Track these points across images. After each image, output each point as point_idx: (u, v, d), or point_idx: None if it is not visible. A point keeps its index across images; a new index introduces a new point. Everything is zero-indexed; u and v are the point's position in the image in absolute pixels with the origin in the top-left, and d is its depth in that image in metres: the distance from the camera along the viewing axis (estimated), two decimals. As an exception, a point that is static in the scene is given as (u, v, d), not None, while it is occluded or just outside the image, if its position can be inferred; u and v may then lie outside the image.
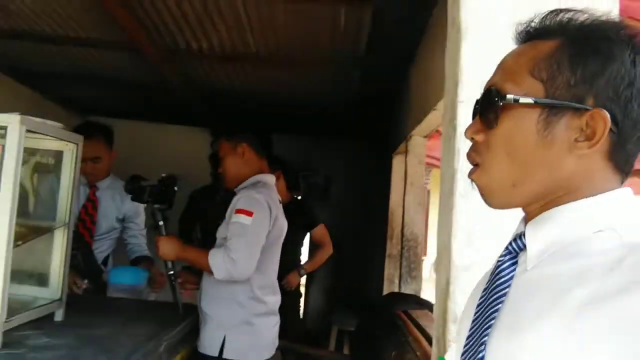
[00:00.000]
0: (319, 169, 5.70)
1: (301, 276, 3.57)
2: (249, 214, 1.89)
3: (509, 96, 0.63)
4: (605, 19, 0.64)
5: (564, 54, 0.63)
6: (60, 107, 4.91)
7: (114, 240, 2.76)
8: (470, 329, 0.68)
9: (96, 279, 2.46)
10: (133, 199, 2.11)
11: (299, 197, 3.88)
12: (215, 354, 1.97)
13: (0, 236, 1.20)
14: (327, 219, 4.18)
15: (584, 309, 0.53)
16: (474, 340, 0.66)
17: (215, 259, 1.91)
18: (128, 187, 2.07)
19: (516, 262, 0.67)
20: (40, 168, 1.51)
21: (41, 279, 1.60)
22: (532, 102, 0.63)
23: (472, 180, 0.68)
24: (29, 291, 1.58)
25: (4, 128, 1.22)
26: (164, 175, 2.05)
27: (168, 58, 3.23)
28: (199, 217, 3.46)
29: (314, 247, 3.75)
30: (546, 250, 0.63)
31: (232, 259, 1.85)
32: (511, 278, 0.66)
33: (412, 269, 3.27)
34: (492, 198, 0.68)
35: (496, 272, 0.68)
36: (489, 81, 0.69)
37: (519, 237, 0.67)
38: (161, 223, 2.04)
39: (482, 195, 0.68)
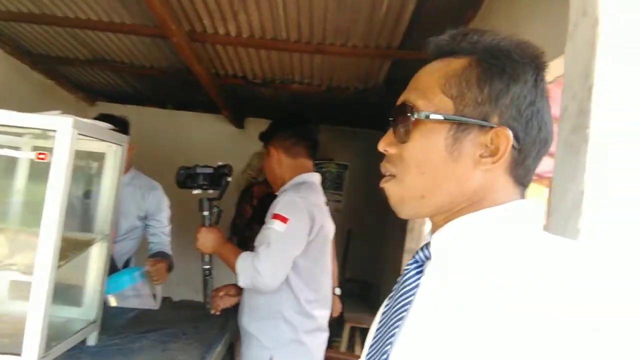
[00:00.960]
0: (333, 158, 5.56)
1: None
2: (284, 220, 1.75)
3: (420, 112, 0.66)
4: (512, 39, 0.67)
5: (472, 72, 0.66)
6: (68, 92, 4.70)
7: (136, 240, 2.59)
8: (374, 337, 0.70)
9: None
10: (183, 185, 1.94)
11: None
12: None
13: (44, 259, 1.04)
14: (341, 209, 4.01)
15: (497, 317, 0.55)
16: (377, 347, 0.68)
17: (243, 265, 1.77)
18: (181, 172, 1.93)
19: (422, 271, 0.69)
20: (80, 172, 1.33)
21: (74, 298, 1.44)
22: (442, 118, 0.65)
23: (383, 189, 0.71)
24: (60, 311, 1.38)
25: (53, 131, 1.04)
26: (220, 163, 1.93)
27: (193, 42, 3.04)
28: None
29: None
30: (449, 259, 0.65)
31: (257, 269, 1.71)
32: (417, 287, 0.67)
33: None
34: (401, 207, 0.70)
35: (402, 281, 0.69)
36: (403, 96, 0.71)
37: (426, 246, 0.70)
38: (206, 213, 1.89)
39: (393, 204, 0.71)
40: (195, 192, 1.94)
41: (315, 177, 2.04)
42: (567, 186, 0.89)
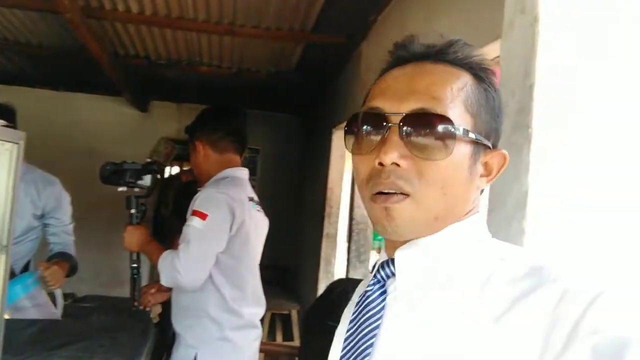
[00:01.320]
0: (245, 141, 5.42)
1: None
2: (203, 216, 1.70)
3: (457, 127, 0.61)
4: (481, 55, 0.67)
5: (479, 90, 0.64)
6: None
7: (35, 242, 2.29)
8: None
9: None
10: (107, 181, 1.87)
11: None
12: None
13: None
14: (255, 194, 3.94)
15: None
16: None
17: (164, 264, 1.71)
18: (107, 168, 1.87)
19: (385, 291, 0.66)
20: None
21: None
22: (474, 137, 0.62)
23: (387, 208, 0.61)
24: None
25: None
26: (148, 160, 1.97)
27: (88, 19, 2.77)
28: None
29: None
30: (417, 275, 0.63)
31: (177, 268, 1.66)
32: (383, 308, 0.64)
33: (362, 253, 3.19)
34: (403, 229, 0.63)
35: (364, 303, 0.66)
36: (415, 101, 0.62)
37: (386, 264, 0.66)
38: (133, 211, 1.85)
39: (393, 226, 0.62)
40: (121, 189, 1.86)
41: (241, 172, 1.96)
42: (509, 186, 0.89)
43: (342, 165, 3.96)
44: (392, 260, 0.66)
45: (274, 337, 4.17)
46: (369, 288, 0.67)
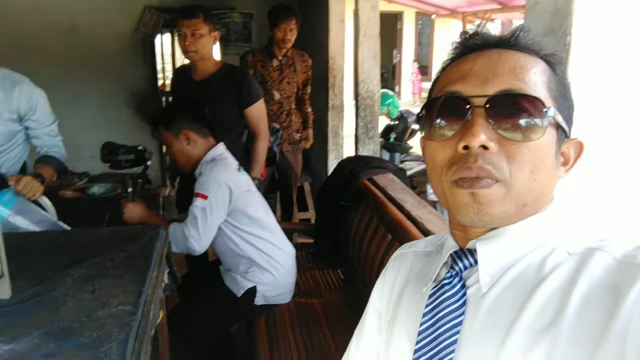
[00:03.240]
0: (235, 6, 4.97)
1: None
2: (205, 197, 2.04)
3: (550, 109, 0.59)
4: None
5: (556, 76, 0.63)
6: None
7: (23, 145, 2.14)
8: (418, 353, 0.65)
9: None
10: (106, 161, 2.21)
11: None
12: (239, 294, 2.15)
13: None
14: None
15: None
16: None
17: (175, 235, 2.06)
18: (105, 158, 2.21)
19: (464, 285, 0.64)
20: None
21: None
22: (563, 121, 0.61)
23: (475, 194, 0.59)
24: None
25: None
26: (140, 148, 2.20)
27: None
28: None
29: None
30: (501, 268, 0.62)
31: (186, 236, 2.04)
32: (464, 303, 0.63)
33: (370, 129, 3.06)
34: (494, 217, 0.60)
35: (442, 297, 0.65)
36: (502, 82, 0.60)
37: (463, 255, 0.65)
38: (130, 190, 2.13)
39: (483, 213, 0.60)
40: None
41: (222, 149, 2.22)
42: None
43: (342, 32, 3.64)
44: (469, 251, 0.65)
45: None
46: (446, 281, 0.65)
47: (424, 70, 14.23)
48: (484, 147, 0.58)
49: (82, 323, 1.17)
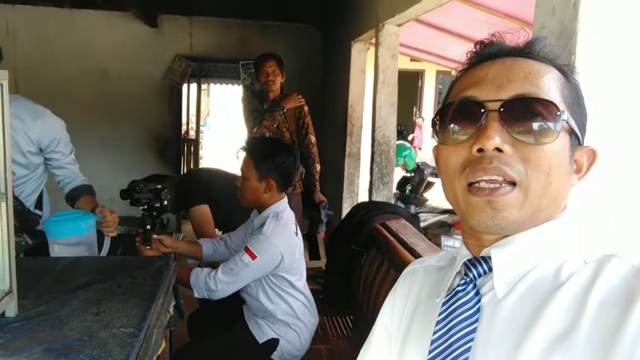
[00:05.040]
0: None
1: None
2: (254, 257, 1.99)
3: (565, 113, 0.60)
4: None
5: (570, 85, 0.63)
6: None
7: (41, 176, 2.20)
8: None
9: (34, 230, 1.96)
10: (125, 198, 2.13)
11: None
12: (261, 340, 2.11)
13: None
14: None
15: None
16: None
17: (198, 281, 2.02)
18: (123, 195, 2.14)
19: (478, 292, 0.64)
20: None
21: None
22: (575, 126, 0.61)
23: (492, 201, 0.59)
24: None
25: None
26: (159, 186, 2.12)
27: None
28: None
29: None
30: (516, 275, 0.61)
31: (212, 288, 2.00)
32: (478, 310, 0.62)
33: (384, 175, 3.09)
34: (511, 223, 0.60)
35: (455, 305, 0.64)
36: (515, 88, 0.61)
37: (477, 262, 0.65)
38: (148, 227, 2.09)
39: (500, 218, 0.59)
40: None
41: (285, 203, 2.18)
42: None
43: (363, 81, 3.75)
44: (483, 259, 0.64)
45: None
46: (459, 288, 0.65)
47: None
48: (499, 150, 0.59)
49: (84, 342, 1.17)
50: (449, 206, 5.75)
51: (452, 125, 0.63)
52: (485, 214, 0.59)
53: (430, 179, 5.04)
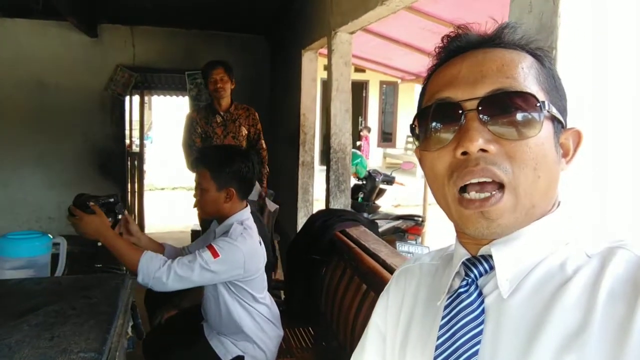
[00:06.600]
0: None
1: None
2: (216, 255, 1.88)
3: (544, 103, 0.58)
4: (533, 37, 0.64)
5: (544, 69, 0.62)
6: None
7: None
8: None
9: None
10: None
11: None
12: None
13: None
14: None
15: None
16: None
17: (149, 266, 1.82)
18: (74, 202, 1.93)
19: (481, 292, 0.62)
20: None
21: None
22: (557, 114, 0.60)
23: (485, 212, 0.58)
24: None
25: None
26: (111, 199, 1.95)
27: None
28: None
29: None
30: (518, 273, 0.59)
31: (161, 279, 1.81)
32: (483, 312, 0.60)
33: (341, 182, 3.07)
34: (507, 227, 0.59)
35: (458, 307, 0.62)
36: (492, 82, 0.59)
37: (478, 262, 0.63)
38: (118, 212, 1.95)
39: (495, 226, 0.58)
40: None
41: (248, 212, 2.12)
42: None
43: (315, 90, 3.74)
44: (483, 257, 0.62)
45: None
46: (462, 289, 0.63)
47: (387, 137, 14.68)
48: (483, 151, 0.57)
49: (39, 370, 1.07)
50: (401, 212, 5.81)
51: (431, 130, 0.61)
52: (479, 224, 0.58)
53: (382, 186, 5.10)
